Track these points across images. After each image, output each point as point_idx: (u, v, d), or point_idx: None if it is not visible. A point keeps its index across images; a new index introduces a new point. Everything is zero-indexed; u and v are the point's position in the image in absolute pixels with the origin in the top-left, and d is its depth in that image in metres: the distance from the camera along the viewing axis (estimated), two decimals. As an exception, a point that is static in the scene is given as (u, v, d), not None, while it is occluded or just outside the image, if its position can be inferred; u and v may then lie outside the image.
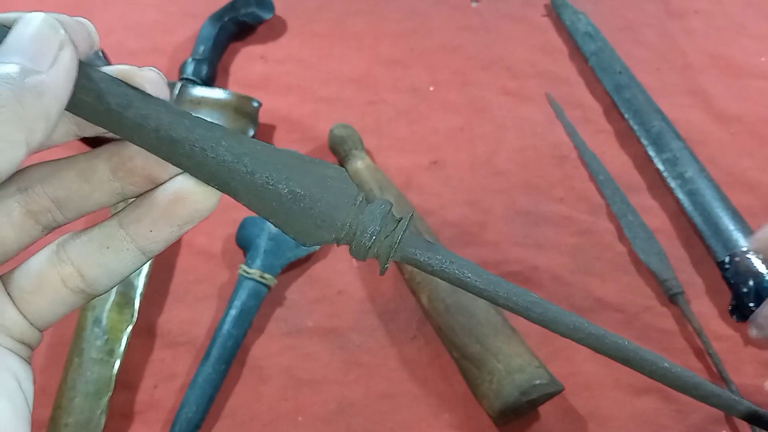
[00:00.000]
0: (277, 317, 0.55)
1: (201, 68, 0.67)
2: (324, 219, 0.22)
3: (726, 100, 0.71)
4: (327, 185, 0.22)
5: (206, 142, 0.21)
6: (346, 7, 0.80)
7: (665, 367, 0.25)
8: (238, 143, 0.21)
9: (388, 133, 0.67)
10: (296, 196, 0.22)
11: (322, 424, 0.50)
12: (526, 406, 0.47)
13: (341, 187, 0.22)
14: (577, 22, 0.76)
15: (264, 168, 0.21)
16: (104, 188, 0.23)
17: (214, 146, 0.21)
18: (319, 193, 0.22)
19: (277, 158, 0.22)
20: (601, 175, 0.64)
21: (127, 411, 0.50)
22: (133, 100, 0.20)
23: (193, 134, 0.21)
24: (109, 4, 0.78)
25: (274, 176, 0.21)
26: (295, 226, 0.22)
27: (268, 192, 0.22)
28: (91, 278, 0.23)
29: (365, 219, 0.22)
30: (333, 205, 0.22)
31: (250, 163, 0.21)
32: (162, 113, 0.21)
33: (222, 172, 0.21)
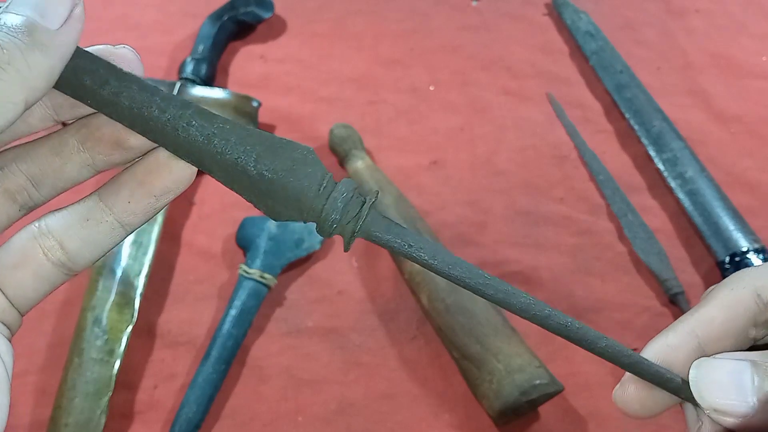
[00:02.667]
0: (277, 317, 0.55)
1: (200, 67, 0.67)
2: (291, 200, 0.23)
3: (726, 100, 0.71)
4: (293, 168, 0.23)
5: (177, 121, 0.22)
6: (346, 7, 0.80)
7: (606, 345, 0.25)
8: (209, 123, 0.22)
9: (388, 133, 0.67)
10: (263, 178, 0.22)
11: (322, 424, 0.50)
12: (526, 406, 0.47)
13: (308, 169, 0.23)
14: (578, 21, 0.76)
15: (234, 149, 0.22)
16: (74, 160, 0.23)
17: (186, 126, 0.22)
18: (286, 176, 0.22)
19: (247, 140, 0.22)
20: (601, 175, 0.64)
21: (127, 411, 0.50)
22: (108, 77, 0.21)
23: (165, 114, 0.21)
24: (109, 4, 0.78)
25: (243, 158, 0.22)
26: (265, 204, 0.23)
27: (238, 172, 0.22)
28: (73, 251, 0.23)
29: (330, 201, 0.23)
30: (299, 188, 0.23)
31: (220, 144, 0.22)
32: (135, 91, 0.21)
33: (194, 151, 0.22)
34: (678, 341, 0.25)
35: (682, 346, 0.25)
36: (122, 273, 0.53)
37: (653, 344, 0.25)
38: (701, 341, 0.25)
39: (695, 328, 0.25)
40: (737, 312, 0.25)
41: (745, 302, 0.25)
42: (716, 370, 0.23)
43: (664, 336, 0.25)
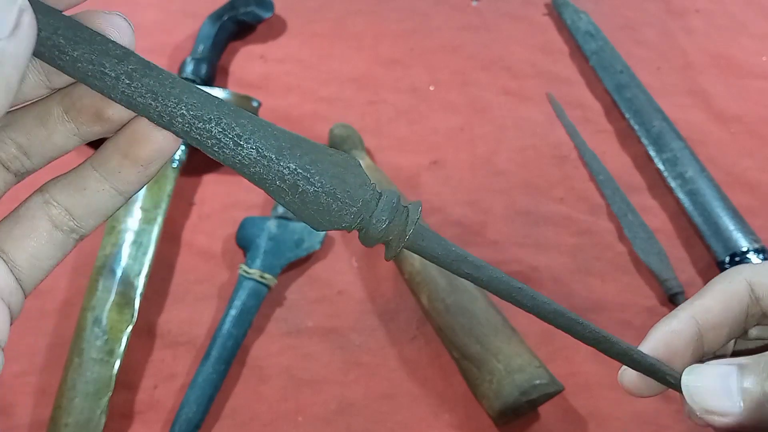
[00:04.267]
0: (277, 317, 0.55)
1: (200, 67, 0.67)
2: (335, 211, 0.22)
3: (726, 99, 0.71)
4: (338, 177, 0.22)
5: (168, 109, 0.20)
6: (346, 7, 0.80)
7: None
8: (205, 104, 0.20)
9: (388, 133, 0.67)
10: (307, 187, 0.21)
11: (322, 424, 0.50)
12: (526, 406, 0.47)
13: (354, 179, 0.22)
14: (578, 21, 0.76)
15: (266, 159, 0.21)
16: (60, 129, 0.23)
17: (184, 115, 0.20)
18: (332, 186, 0.21)
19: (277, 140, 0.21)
20: (601, 175, 0.64)
21: (127, 411, 0.50)
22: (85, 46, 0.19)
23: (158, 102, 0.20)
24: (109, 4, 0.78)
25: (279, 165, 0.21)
26: (306, 214, 0.22)
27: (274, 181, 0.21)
28: (79, 217, 0.24)
29: (377, 209, 0.23)
30: (345, 198, 0.22)
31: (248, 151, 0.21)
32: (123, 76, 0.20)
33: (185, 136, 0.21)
34: (680, 327, 0.27)
35: (684, 332, 0.27)
36: (122, 273, 0.53)
37: (657, 329, 0.28)
38: (701, 328, 0.27)
39: (695, 315, 0.27)
40: (733, 303, 0.27)
41: (740, 295, 0.27)
42: (706, 376, 0.26)
43: (668, 322, 0.28)
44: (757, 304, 0.27)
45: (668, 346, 0.27)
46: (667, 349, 0.27)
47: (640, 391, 0.29)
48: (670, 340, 0.27)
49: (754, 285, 0.27)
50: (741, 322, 0.28)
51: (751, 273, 0.28)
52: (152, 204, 0.57)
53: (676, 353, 0.27)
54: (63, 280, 0.55)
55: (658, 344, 0.28)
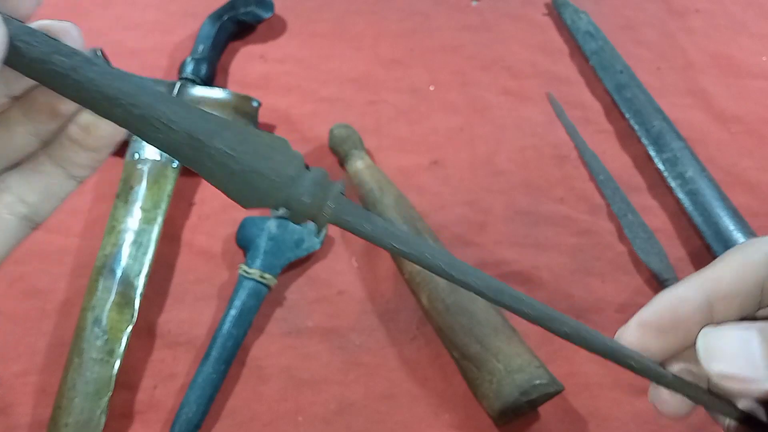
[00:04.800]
0: (277, 317, 0.55)
1: (200, 67, 0.67)
2: (261, 185, 0.23)
3: (726, 99, 0.71)
4: (265, 152, 0.23)
5: (108, 100, 0.22)
6: (346, 7, 0.80)
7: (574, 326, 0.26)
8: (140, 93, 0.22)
9: (388, 133, 0.67)
10: (232, 160, 0.22)
11: (322, 424, 0.50)
12: (526, 406, 0.47)
13: (281, 155, 0.23)
14: (578, 21, 0.76)
15: (191, 127, 0.22)
16: (20, 131, 0.25)
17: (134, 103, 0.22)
18: (258, 160, 0.23)
19: (210, 122, 0.23)
20: (601, 175, 0.64)
21: (127, 411, 0.50)
22: (39, 46, 0.21)
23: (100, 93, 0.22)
24: (109, 4, 0.78)
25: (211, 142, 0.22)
26: (232, 190, 0.23)
27: (201, 154, 0.22)
28: (33, 203, 0.26)
29: (302, 185, 0.23)
30: (272, 171, 0.23)
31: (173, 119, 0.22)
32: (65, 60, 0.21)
33: (124, 124, 0.22)
34: (688, 294, 0.25)
35: (691, 299, 0.25)
36: (122, 273, 0.53)
37: (663, 294, 0.26)
38: (710, 297, 0.25)
39: (705, 284, 0.25)
40: (747, 274, 0.25)
41: (756, 266, 0.25)
42: (724, 338, 0.24)
43: (675, 288, 0.26)
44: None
45: (673, 312, 0.25)
46: (672, 315, 0.25)
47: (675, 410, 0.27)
48: (676, 306, 0.25)
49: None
50: (755, 296, 0.25)
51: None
52: (152, 204, 0.57)
53: (681, 321, 0.25)
54: (63, 280, 0.55)
55: (662, 310, 0.26)
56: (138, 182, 0.58)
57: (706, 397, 0.26)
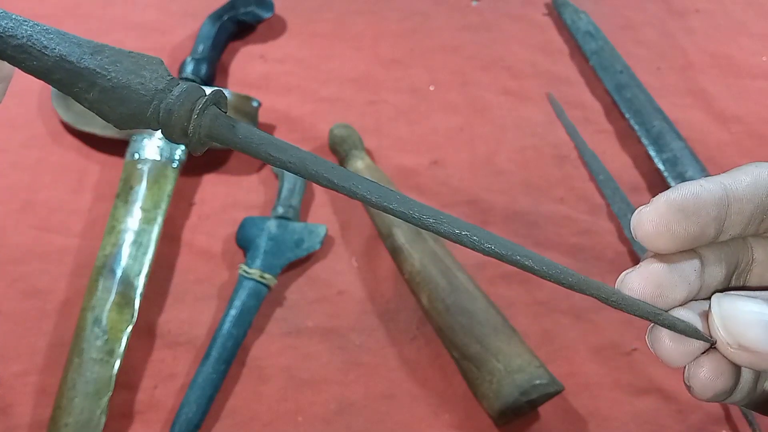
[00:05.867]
0: (277, 317, 0.55)
1: (200, 67, 0.67)
2: (134, 99, 0.23)
3: (726, 100, 0.71)
4: (136, 68, 0.23)
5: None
6: (346, 7, 0.80)
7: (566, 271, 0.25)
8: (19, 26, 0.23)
9: (388, 133, 0.67)
10: (99, 74, 0.23)
11: (322, 424, 0.50)
12: (526, 406, 0.47)
13: (151, 70, 0.23)
14: (578, 21, 0.76)
15: (63, 51, 0.23)
16: None
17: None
18: (125, 75, 0.23)
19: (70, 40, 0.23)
20: (601, 175, 0.64)
21: (127, 411, 0.50)
22: None
23: None
24: (109, 4, 0.78)
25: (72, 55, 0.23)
26: (104, 108, 0.23)
27: (63, 67, 0.23)
28: None
29: (171, 96, 0.23)
30: (141, 86, 0.23)
31: (47, 44, 0.23)
32: None
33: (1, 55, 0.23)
34: (710, 186, 0.26)
35: (713, 191, 0.26)
36: (122, 273, 0.53)
37: (687, 182, 0.26)
38: (729, 195, 0.26)
39: (724, 182, 0.26)
40: (761, 181, 0.26)
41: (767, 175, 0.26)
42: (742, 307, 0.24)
43: (697, 180, 0.27)
44: None
45: (696, 198, 0.25)
46: (695, 200, 0.26)
47: (679, 356, 0.26)
48: (699, 192, 0.25)
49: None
50: (764, 209, 0.26)
51: None
52: (152, 204, 0.57)
53: (702, 208, 0.25)
54: (63, 280, 0.55)
55: (687, 193, 0.26)
56: (138, 182, 0.58)
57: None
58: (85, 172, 0.62)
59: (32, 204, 0.60)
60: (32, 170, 0.62)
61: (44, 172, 0.62)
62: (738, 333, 0.23)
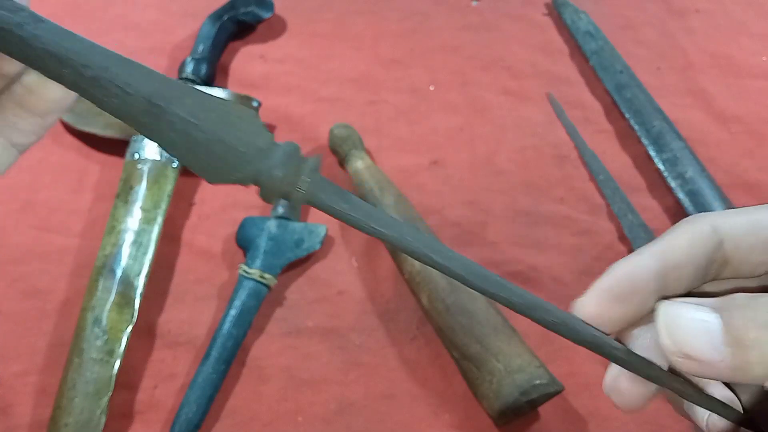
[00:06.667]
0: (277, 317, 0.55)
1: (200, 67, 0.67)
2: (226, 157, 0.21)
3: (726, 100, 0.71)
4: (231, 122, 0.21)
5: (57, 61, 0.20)
6: (346, 7, 0.80)
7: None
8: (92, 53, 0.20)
9: (388, 133, 0.67)
10: (197, 129, 0.21)
11: (322, 424, 0.50)
12: (526, 406, 0.47)
13: (248, 126, 0.21)
14: (578, 21, 0.76)
15: (149, 91, 0.20)
16: None
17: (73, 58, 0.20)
18: (224, 130, 0.21)
19: (171, 87, 0.21)
20: (601, 175, 0.64)
21: (127, 411, 0.50)
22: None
23: (49, 53, 0.20)
24: (109, 4, 0.78)
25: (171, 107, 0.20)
26: (197, 163, 0.21)
27: (161, 121, 0.20)
28: None
29: (273, 158, 0.21)
30: (240, 142, 0.21)
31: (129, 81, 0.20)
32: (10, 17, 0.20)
33: (74, 88, 0.20)
34: (645, 261, 0.26)
35: (648, 266, 0.25)
36: (122, 273, 0.53)
37: (619, 263, 0.26)
38: (664, 266, 0.25)
39: (659, 253, 0.26)
40: (697, 242, 0.25)
41: (705, 235, 0.25)
42: (686, 314, 0.23)
43: (630, 257, 0.26)
44: (720, 249, 0.26)
45: (630, 280, 0.25)
46: (629, 283, 0.25)
47: (634, 400, 0.27)
48: (633, 273, 0.25)
49: (718, 227, 0.26)
50: (704, 267, 0.25)
51: (717, 215, 0.26)
52: (152, 204, 0.57)
53: (637, 289, 0.25)
54: (63, 280, 0.55)
55: (619, 277, 0.26)
56: (138, 182, 0.58)
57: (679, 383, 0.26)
58: (85, 172, 0.62)
59: (32, 204, 0.60)
60: (32, 170, 0.62)
61: (44, 172, 0.63)
62: (682, 341, 0.23)
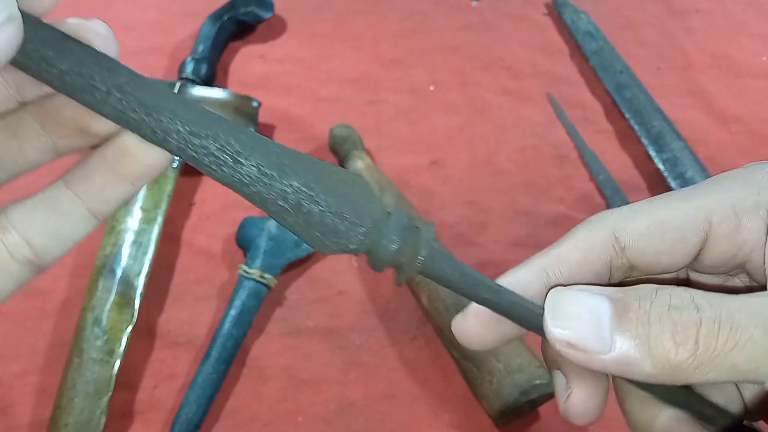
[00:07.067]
0: (277, 317, 0.55)
1: (200, 67, 0.67)
2: (345, 228, 0.20)
3: (726, 100, 0.71)
4: (347, 197, 0.20)
5: (162, 125, 0.19)
6: (346, 7, 0.80)
7: None
8: (201, 119, 0.19)
9: (388, 133, 0.67)
10: (312, 209, 0.20)
11: (322, 424, 0.50)
12: (526, 406, 0.47)
13: (362, 199, 0.20)
14: (578, 21, 0.76)
15: (260, 159, 0.19)
16: (34, 143, 0.21)
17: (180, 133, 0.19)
18: (339, 206, 0.20)
19: (279, 157, 0.19)
20: (601, 175, 0.64)
21: (127, 411, 0.50)
22: (72, 56, 0.18)
23: (152, 117, 0.19)
24: (109, 4, 0.78)
25: (282, 186, 0.19)
26: (309, 234, 0.20)
27: (273, 202, 0.20)
28: (40, 247, 0.21)
29: (387, 229, 0.21)
30: (355, 213, 0.20)
31: (240, 149, 0.19)
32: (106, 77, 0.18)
33: (180, 153, 0.19)
34: (528, 278, 0.23)
35: (531, 284, 0.23)
36: (122, 273, 0.53)
37: (502, 279, 0.24)
38: (551, 281, 0.23)
39: (546, 267, 0.23)
40: (592, 254, 0.23)
41: (602, 245, 0.23)
42: (572, 301, 0.21)
43: (515, 271, 0.24)
44: (623, 255, 0.23)
45: None
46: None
47: (482, 342, 0.25)
48: (514, 289, 0.23)
49: (619, 232, 0.23)
50: (603, 277, 0.23)
51: (617, 218, 0.24)
52: (152, 204, 0.57)
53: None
54: (63, 280, 0.55)
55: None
56: (138, 182, 0.58)
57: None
58: (85, 172, 0.62)
59: (32, 204, 0.60)
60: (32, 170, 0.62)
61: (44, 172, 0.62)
62: (565, 332, 0.21)
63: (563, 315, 0.21)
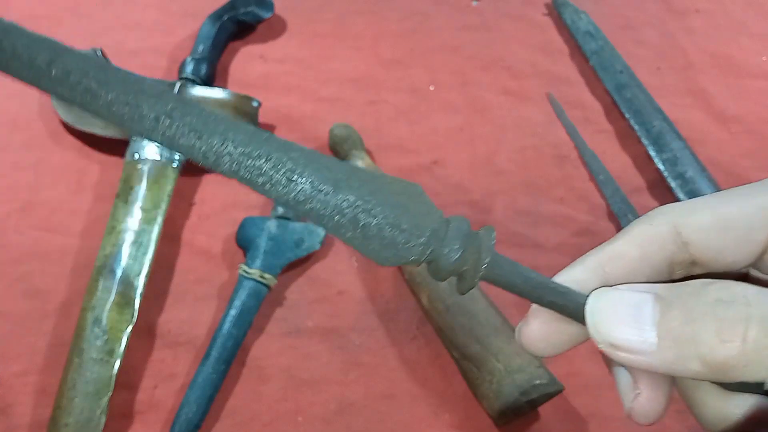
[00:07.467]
0: (277, 317, 0.55)
1: (200, 67, 0.67)
2: (404, 239, 0.20)
3: (726, 100, 0.71)
4: (405, 210, 0.20)
5: (214, 148, 0.19)
6: (346, 7, 0.80)
7: None
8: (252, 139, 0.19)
9: (388, 133, 0.67)
10: (370, 223, 0.20)
11: (322, 424, 0.50)
12: (526, 406, 0.47)
13: (421, 210, 0.20)
14: (578, 21, 0.76)
15: (314, 176, 0.19)
16: None
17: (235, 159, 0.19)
18: (398, 220, 0.20)
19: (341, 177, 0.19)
20: (601, 175, 0.64)
21: (127, 411, 0.50)
22: (138, 99, 0.19)
23: (203, 141, 0.19)
24: (109, 4, 0.78)
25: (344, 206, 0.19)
26: (368, 247, 0.20)
27: (334, 219, 0.19)
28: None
29: (447, 238, 0.20)
30: (413, 224, 0.20)
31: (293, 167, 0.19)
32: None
33: (233, 175, 0.19)
34: (584, 276, 0.22)
35: (588, 282, 0.22)
36: (122, 273, 0.53)
37: (557, 278, 0.23)
38: (609, 279, 0.22)
39: (604, 263, 0.22)
40: (652, 249, 0.22)
41: (662, 239, 0.22)
42: (615, 301, 0.21)
43: (570, 269, 0.23)
44: (685, 250, 0.22)
45: None
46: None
47: (550, 346, 0.24)
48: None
49: (681, 227, 0.22)
50: (663, 273, 0.22)
51: (679, 213, 0.22)
52: (152, 204, 0.57)
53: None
54: (63, 281, 0.55)
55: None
56: (138, 182, 0.58)
57: None
58: (85, 172, 0.62)
59: (32, 204, 0.60)
60: (32, 170, 0.62)
61: (44, 172, 0.62)
62: (608, 333, 0.20)
63: (603, 316, 0.20)
